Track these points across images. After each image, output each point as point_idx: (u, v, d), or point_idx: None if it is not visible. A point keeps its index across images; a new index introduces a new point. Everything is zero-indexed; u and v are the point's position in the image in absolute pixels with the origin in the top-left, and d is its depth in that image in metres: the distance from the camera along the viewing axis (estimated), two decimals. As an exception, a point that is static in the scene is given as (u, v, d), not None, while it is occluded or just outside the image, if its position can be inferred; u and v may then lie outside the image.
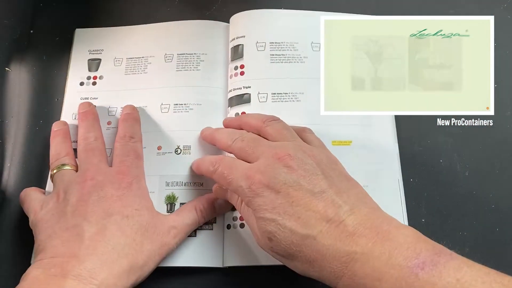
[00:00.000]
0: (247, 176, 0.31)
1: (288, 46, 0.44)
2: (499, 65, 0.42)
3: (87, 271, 0.29)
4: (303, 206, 0.29)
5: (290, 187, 0.30)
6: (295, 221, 0.29)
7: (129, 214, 0.33)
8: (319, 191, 0.29)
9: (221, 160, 0.34)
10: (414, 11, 0.47)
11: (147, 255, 0.33)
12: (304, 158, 0.31)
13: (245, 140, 0.34)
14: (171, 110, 0.42)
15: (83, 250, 0.30)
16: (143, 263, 0.32)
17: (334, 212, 0.28)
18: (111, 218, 0.32)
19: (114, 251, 0.31)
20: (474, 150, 0.42)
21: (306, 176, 0.30)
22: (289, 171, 0.30)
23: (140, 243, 0.32)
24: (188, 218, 0.36)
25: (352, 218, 0.28)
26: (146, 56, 0.44)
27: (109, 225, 0.32)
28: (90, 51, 0.45)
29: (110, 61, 0.44)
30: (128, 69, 0.44)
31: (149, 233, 0.33)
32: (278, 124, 0.35)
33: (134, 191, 0.35)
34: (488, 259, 0.38)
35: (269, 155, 0.31)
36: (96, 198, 0.33)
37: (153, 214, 0.35)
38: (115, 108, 0.42)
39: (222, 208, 0.37)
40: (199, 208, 0.36)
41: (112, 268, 0.30)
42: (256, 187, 0.30)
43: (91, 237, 0.31)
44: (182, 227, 0.35)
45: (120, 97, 0.43)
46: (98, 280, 0.29)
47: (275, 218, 0.29)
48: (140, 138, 0.39)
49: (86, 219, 0.32)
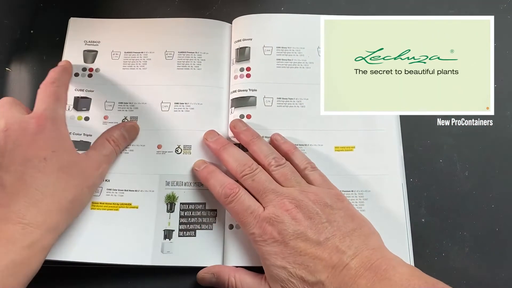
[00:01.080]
0: (259, 225, 0.34)
1: (294, 51, 0.44)
2: (499, 65, 0.42)
3: (13, 213, 0.31)
4: (310, 255, 0.32)
5: (298, 238, 0.32)
6: (304, 269, 0.32)
7: (46, 156, 0.33)
8: (325, 239, 0.32)
9: (236, 195, 0.35)
10: (414, 11, 0.47)
11: (74, 190, 0.34)
12: (309, 206, 0.34)
13: (255, 181, 0.36)
14: (172, 109, 0.42)
15: (5, 197, 0.31)
16: (71, 198, 0.34)
17: (338, 258, 0.31)
18: (28, 163, 0.33)
19: (38, 191, 0.32)
20: (474, 150, 0.42)
21: (312, 227, 0.33)
22: (297, 223, 0.33)
23: (65, 180, 0.33)
24: (104, 149, 0.38)
25: (354, 262, 0.31)
26: (145, 51, 0.44)
27: (27, 170, 0.32)
28: (86, 42, 0.44)
29: (107, 54, 0.44)
30: (126, 64, 0.43)
31: (73, 170, 0.34)
32: (284, 169, 0.37)
33: (49, 133, 0.34)
34: (488, 259, 0.38)
35: (277, 205, 0.34)
36: (11, 146, 0.33)
37: (73, 154, 0.35)
38: (112, 103, 0.42)
39: (130, 134, 0.40)
40: (112, 139, 0.38)
41: (39, 206, 0.32)
42: (267, 237, 0.33)
43: (12, 185, 0.32)
44: (102, 158, 0.37)
45: (118, 92, 0.42)
46: (26, 219, 0.31)
47: (286, 266, 0.32)
48: (64, 84, 0.39)
49: (5, 170, 0.32)
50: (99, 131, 0.40)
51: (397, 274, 0.30)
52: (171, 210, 0.38)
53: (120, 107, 0.42)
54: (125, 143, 0.40)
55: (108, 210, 0.38)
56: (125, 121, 0.41)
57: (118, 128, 0.39)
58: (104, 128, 0.40)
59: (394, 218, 0.38)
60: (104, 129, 0.40)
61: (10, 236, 0.30)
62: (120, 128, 0.39)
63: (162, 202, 0.38)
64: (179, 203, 0.38)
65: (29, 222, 0.31)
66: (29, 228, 0.31)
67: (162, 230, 0.38)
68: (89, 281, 0.37)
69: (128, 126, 0.40)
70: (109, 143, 0.38)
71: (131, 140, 0.40)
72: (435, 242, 0.39)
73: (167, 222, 0.38)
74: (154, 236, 0.37)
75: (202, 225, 0.38)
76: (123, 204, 0.38)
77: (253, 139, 0.39)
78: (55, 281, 0.37)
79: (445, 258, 0.38)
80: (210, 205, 0.39)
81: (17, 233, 0.30)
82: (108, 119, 0.41)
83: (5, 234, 0.30)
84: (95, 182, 0.36)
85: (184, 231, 0.38)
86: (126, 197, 0.38)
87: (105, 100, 0.42)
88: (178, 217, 0.38)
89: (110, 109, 0.42)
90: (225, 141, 0.39)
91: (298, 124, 0.41)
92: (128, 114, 0.41)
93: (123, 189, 0.39)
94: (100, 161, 0.37)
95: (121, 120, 0.41)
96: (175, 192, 0.39)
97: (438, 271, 0.38)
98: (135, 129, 0.41)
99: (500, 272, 0.38)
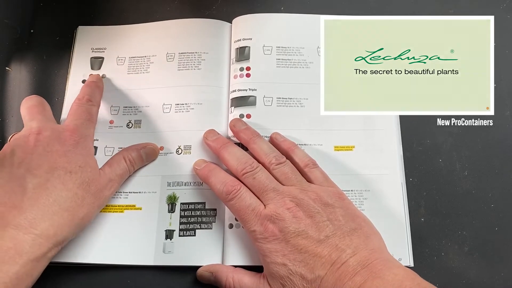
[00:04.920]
0: (261, 223, 0.34)
1: (294, 51, 0.44)
2: (499, 65, 0.42)
3: (27, 221, 0.31)
4: (310, 253, 0.32)
5: (299, 236, 0.33)
6: (304, 266, 0.32)
7: (72, 169, 0.34)
8: (325, 237, 0.33)
9: (237, 192, 0.35)
10: (414, 11, 0.47)
11: (87, 208, 0.34)
12: (310, 205, 0.34)
13: (256, 179, 0.36)
14: (173, 110, 0.42)
15: (25, 201, 0.32)
16: (83, 215, 0.34)
17: (337, 255, 0.32)
18: (54, 172, 0.33)
19: (56, 203, 0.32)
20: (473, 150, 0.42)
21: (313, 225, 0.33)
22: (298, 221, 0.33)
23: (81, 197, 0.34)
24: (119, 169, 0.38)
25: (353, 259, 0.31)
26: (148, 55, 0.44)
27: (52, 179, 0.33)
28: (92, 49, 0.45)
29: (113, 60, 0.44)
30: (130, 69, 0.44)
31: (91, 188, 0.35)
32: (284, 168, 0.37)
33: (80, 149, 0.35)
34: (487, 259, 0.38)
35: (278, 203, 0.34)
36: (41, 151, 0.34)
37: (96, 172, 0.36)
38: (117, 108, 0.42)
39: (149, 156, 0.40)
40: (128, 158, 0.38)
41: (53, 219, 0.32)
42: (268, 235, 0.33)
43: (33, 189, 0.32)
44: (115, 177, 0.37)
45: (122, 97, 0.43)
46: (38, 230, 0.31)
47: (286, 263, 0.32)
48: (97, 103, 0.40)
49: (30, 172, 0.33)
50: (106, 136, 0.41)
51: (391, 274, 0.30)
52: (172, 211, 0.38)
53: (124, 111, 0.42)
54: (141, 164, 0.40)
55: (113, 212, 0.39)
56: (129, 125, 0.42)
57: (137, 149, 0.39)
58: (109, 132, 0.41)
59: (394, 217, 0.38)
60: (109, 133, 0.41)
61: (19, 247, 0.30)
62: (140, 150, 0.39)
63: (163, 203, 0.39)
64: (179, 203, 0.39)
65: (40, 234, 0.31)
66: (39, 240, 0.31)
67: (164, 231, 0.38)
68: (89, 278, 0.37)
69: (149, 149, 0.40)
70: (125, 162, 0.38)
71: (148, 162, 0.40)
72: (434, 241, 0.39)
73: (168, 223, 0.38)
74: (156, 237, 0.38)
75: (202, 224, 0.38)
76: (128, 206, 0.39)
77: (253, 137, 0.39)
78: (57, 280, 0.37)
79: (445, 257, 0.38)
80: (210, 205, 0.39)
81: (27, 245, 0.30)
82: (113, 124, 0.42)
83: (13, 243, 0.30)
84: (105, 201, 0.37)
85: (184, 231, 0.38)
86: (131, 199, 0.39)
87: (110, 105, 0.43)
88: (179, 217, 0.38)
89: (115, 113, 0.42)
90: (225, 140, 0.39)
91: (298, 124, 0.41)
92: (132, 118, 0.42)
93: (127, 191, 0.39)
94: (113, 180, 0.37)
95: (126, 124, 0.42)
96: (176, 192, 0.39)
97: (438, 270, 0.38)
98: (154, 153, 0.40)
99: (500, 271, 0.38)
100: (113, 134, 0.41)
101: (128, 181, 0.39)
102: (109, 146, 0.40)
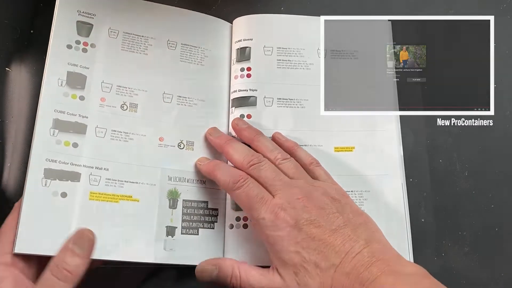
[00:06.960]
0: (271, 211, 0.33)
1: (294, 52, 0.44)
2: (499, 65, 0.42)
3: None
4: (323, 241, 0.32)
5: (311, 224, 0.32)
6: (318, 254, 0.31)
7: None
8: (337, 227, 0.32)
9: (245, 181, 0.35)
10: (414, 11, 0.47)
11: None
12: (319, 197, 0.34)
13: (263, 171, 0.35)
14: (174, 101, 0.40)
15: None
16: None
17: (351, 245, 0.32)
18: None
19: None
20: (474, 150, 0.42)
21: (324, 216, 0.33)
22: (309, 210, 0.33)
23: None
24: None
25: (367, 250, 0.31)
26: (146, 36, 0.42)
27: None
28: (79, 12, 0.40)
29: (103, 30, 0.40)
30: (125, 45, 0.41)
31: None
32: (290, 163, 0.37)
33: None
34: (487, 259, 0.38)
35: (287, 193, 0.34)
36: None
37: None
38: (109, 85, 0.39)
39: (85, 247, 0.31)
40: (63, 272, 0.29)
41: None
42: (280, 222, 0.33)
43: None
44: None
45: (116, 74, 0.39)
46: None
47: (300, 251, 0.32)
48: None
49: None
50: (96, 114, 0.38)
51: (407, 270, 0.30)
52: (174, 207, 0.37)
53: (118, 90, 0.39)
54: (86, 263, 0.31)
55: (108, 201, 0.36)
56: (123, 107, 0.39)
57: (67, 249, 0.31)
58: (101, 111, 0.38)
59: (394, 218, 0.39)
60: (102, 112, 0.38)
61: None
62: (70, 247, 0.31)
63: (164, 197, 0.37)
64: (181, 199, 0.38)
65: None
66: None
67: (165, 227, 0.37)
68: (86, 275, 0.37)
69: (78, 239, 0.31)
70: (59, 281, 0.29)
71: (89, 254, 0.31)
72: (434, 242, 0.39)
73: (169, 219, 0.37)
74: (156, 232, 0.36)
75: (205, 223, 0.38)
76: (123, 196, 0.36)
77: (257, 135, 0.39)
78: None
79: (445, 258, 0.38)
80: (212, 204, 0.39)
81: None
82: (105, 102, 0.38)
83: None
84: None
85: (187, 229, 0.37)
86: (126, 189, 0.36)
87: (101, 80, 0.39)
88: (181, 214, 0.37)
89: (107, 91, 0.39)
90: (229, 137, 0.39)
91: (298, 125, 0.41)
92: (128, 100, 0.39)
93: (123, 180, 0.37)
94: None
95: (120, 105, 0.39)
96: (178, 188, 0.38)
97: (438, 270, 0.38)
98: (89, 240, 0.32)
99: (500, 271, 0.38)
100: (106, 114, 0.38)
101: (123, 168, 0.37)
102: (100, 127, 0.37)
